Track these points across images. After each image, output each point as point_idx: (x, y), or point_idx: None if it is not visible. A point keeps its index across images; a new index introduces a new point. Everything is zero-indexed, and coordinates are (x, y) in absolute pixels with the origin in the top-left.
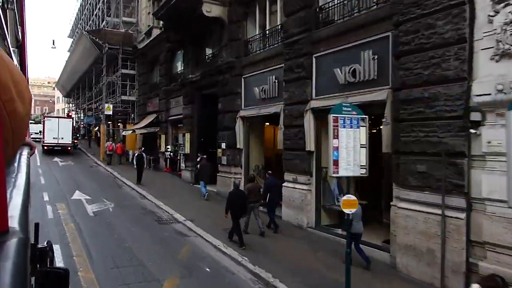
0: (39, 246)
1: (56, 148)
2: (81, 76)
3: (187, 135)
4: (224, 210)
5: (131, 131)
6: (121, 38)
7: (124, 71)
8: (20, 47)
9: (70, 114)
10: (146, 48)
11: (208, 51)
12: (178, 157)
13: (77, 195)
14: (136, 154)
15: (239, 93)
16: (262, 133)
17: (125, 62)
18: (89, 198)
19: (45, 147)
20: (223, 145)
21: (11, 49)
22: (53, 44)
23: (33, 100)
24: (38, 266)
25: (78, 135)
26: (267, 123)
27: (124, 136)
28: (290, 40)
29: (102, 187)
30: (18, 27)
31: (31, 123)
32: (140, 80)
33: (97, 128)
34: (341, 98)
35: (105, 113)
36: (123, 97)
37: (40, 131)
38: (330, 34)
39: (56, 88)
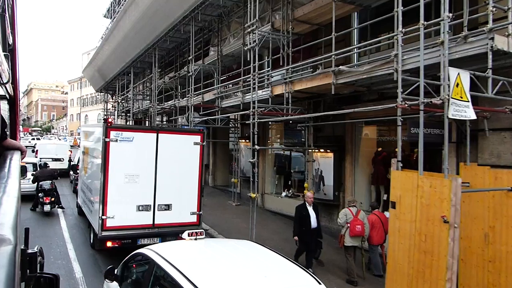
0: (29, 251)
1: (155, 238)
2: (166, 31)
3: None
4: None
5: None
6: None
7: None
8: (12, 51)
9: (110, 120)
10: None
11: None
12: None
13: None
14: None
15: None
16: None
17: None
18: None
19: (109, 242)
20: None
21: (2, 53)
22: None
23: (39, 105)
24: (28, 271)
25: None
26: None
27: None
28: None
29: None
30: (10, 32)
31: (35, 130)
32: None
33: None
34: None
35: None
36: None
37: (63, 158)
38: None
39: (66, 91)
